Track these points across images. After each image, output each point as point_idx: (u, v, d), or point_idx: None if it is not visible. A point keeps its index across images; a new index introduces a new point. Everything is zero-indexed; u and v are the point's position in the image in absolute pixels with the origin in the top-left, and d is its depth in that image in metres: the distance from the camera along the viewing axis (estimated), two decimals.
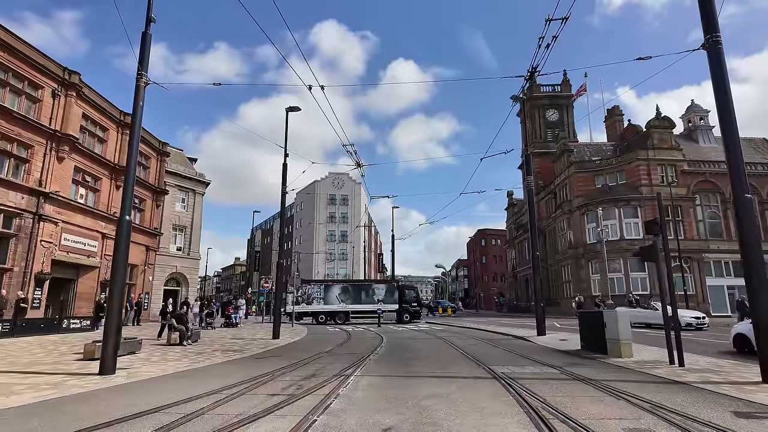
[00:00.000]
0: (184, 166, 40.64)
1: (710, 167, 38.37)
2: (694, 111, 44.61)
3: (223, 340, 17.90)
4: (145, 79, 10.43)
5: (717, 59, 8.91)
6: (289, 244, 79.58)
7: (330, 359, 11.51)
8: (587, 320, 13.64)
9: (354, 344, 15.88)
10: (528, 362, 10.68)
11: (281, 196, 19.55)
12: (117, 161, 25.41)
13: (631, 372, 9.09)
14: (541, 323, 18.20)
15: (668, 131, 39.05)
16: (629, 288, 35.74)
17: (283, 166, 19.74)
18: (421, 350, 13.56)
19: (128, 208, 9.94)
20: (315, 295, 32.09)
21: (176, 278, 39.39)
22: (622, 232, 37.29)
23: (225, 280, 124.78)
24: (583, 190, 40.86)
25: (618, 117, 48.08)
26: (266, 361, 11.41)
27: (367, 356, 11.86)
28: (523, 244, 55.20)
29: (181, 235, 39.83)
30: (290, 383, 7.92)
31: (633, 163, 38.37)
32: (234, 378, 8.45)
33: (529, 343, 15.96)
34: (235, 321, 27.31)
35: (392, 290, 32.75)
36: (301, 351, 13.81)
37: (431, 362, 10.74)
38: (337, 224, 72.80)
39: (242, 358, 12.39)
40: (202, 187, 41.72)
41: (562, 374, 8.77)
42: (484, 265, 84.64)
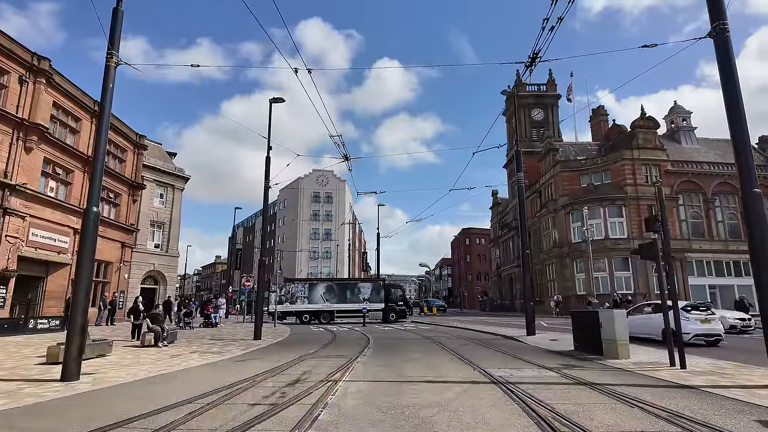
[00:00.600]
0: (162, 160, 39.32)
1: (693, 168, 38.75)
2: (677, 112, 45.08)
3: (202, 341, 17.05)
4: (116, 59, 9.60)
5: (724, 47, 8.52)
6: (271, 242, 78.32)
7: (315, 362, 10.85)
8: (581, 320, 13.24)
9: (340, 345, 15.23)
10: (523, 364, 10.20)
11: (264, 191, 18.77)
12: (90, 153, 24.21)
13: (634, 375, 8.66)
14: (531, 323, 17.84)
15: (652, 131, 39.31)
16: (614, 287, 35.87)
17: (266, 159, 18.98)
18: (411, 351, 12.99)
19: (96, 199, 9.11)
20: (299, 294, 31.24)
21: (154, 276, 38.10)
22: (607, 231, 37.40)
23: (205, 279, 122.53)
24: (569, 189, 40.89)
25: (603, 117, 48.34)
26: (247, 365, 10.69)
27: (354, 358, 11.23)
28: (508, 242, 55.19)
29: (159, 232, 38.54)
30: (273, 390, 7.25)
31: (618, 163, 38.51)
32: (211, 384, 7.73)
33: (520, 343, 15.54)
34: (214, 321, 26.36)
35: (378, 289, 32.12)
36: (285, 353, 13.11)
37: (423, 365, 10.17)
38: (321, 222, 71.86)
39: (221, 360, 11.64)
40: (182, 182, 40.45)
41: (563, 378, 8.28)
42: (468, 264, 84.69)
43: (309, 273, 69.60)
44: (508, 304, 54.53)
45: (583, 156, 43.09)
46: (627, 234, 36.94)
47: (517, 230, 51.17)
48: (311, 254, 70.65)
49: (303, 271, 69.75)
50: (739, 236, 38.07)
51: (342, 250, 68.20)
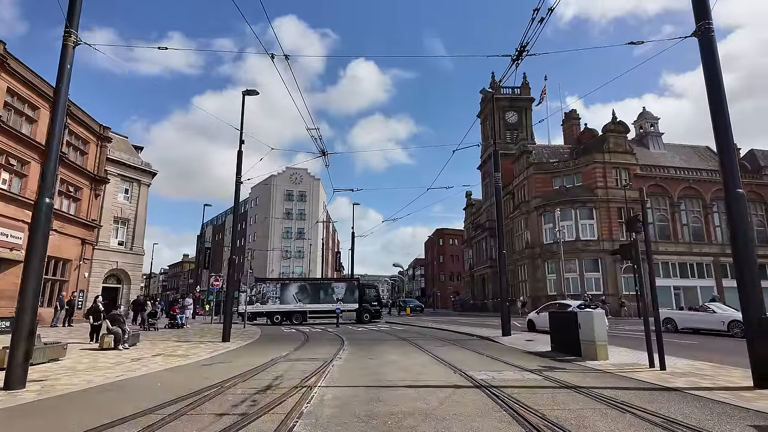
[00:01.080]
0: (128, 154, 37.66)
1: (661, 172, 39.85)
2: (646, 118, 46.34)
3: (167, 343, 16.19)
4: (74, 38, 8.82)
5: (709, 47, 8.49)
6: (242, 241, 76.59)
7: (288, 365, 10.30)
8: (559, 321, 13.15)
9: (313, 347, 14.69)
10: (504, 366, 9.95)
11: (235, 186, 18.01)
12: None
13: (616, 377, 8.51)
14: (506, 323, 17.72)
15: (623, 135, 40.21)
16: (584, 288, 36.46)
17: (238, 153, 18.25)
18: (388, 353, 12.59)
19: (49, 189, 8.32)
20: (270, 294, 30.35)
21: (117, 275, 36.44)
22: (578, 232, 38.00)
23: (172, 278, 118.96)
24: (541, 191, 41.40)
25: (575, 120, 49.25)
26: (214, 369, 10.06)
27: (329, 361, 10.74)
28: (481, 243, 55.58)
29: (123, 229, 36.87)
30: (242, 398, 6.71)
31: (589, 166, 39.21)
32: (175, 391, 7.12)
33: (496, 343, 15.36)
34: (180, 322, 25.33)
35: (352, 289, 31.52)
36: (255, 356, 12.49)
37: (402, 368, 9.78)
38: (294, 221, 70.72)
39: (187, 364, 10.95)
40: (148, 177, 38.84)
41: (547, 381, 8.04)
42: (442, 265, 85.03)
43: (281, 273, 68.33)
44: (481, 304, 54.88)
45: (555, 159, 43.74)
46: (597, 236, 37.63)
47: (490, 231, 51.58)
48: (283, 253, 69.42)
49: (275, 271, 68.43)
50: (703, 239, 39.41)
51: (315, 249, 67.28)
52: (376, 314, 32.65)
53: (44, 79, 23.15)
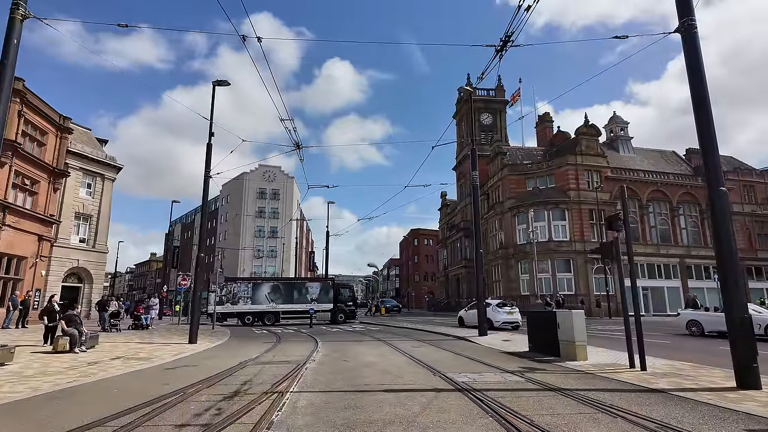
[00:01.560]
0: (91, 147, 35.97)
1: (630, 175, 40.75)
2: (616, 122, 47.39)
3: (129, 345, 15.29)
4: (23, 11, 8.03)
5: (692, 43, 8.40)
6: (212, 240, 74.60)
7: (258, 369, 9.73)
8: (537, 321, 12.98)
9: (285, 349, 14.09)
10: (483, 367, 9.65)
11: (204, 181, 17.20)
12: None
13: (598, 378, 8.31)
14: (483, 323, 17.54)
15: (594, 138, 40.95)
16: (556, 288, 36.87)
17: (207, 146, 17.43)
18: (364, 355, 12.13)
19: None
20: (242, 294, 29.39)
21: (78, 274, 34.73)
22: (551, 233, 38.44)
23: (138, 278, 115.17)
24: (515, 192, 41.72)
25: (548, 123, 49.95)
26: (178, 373, 9.40)
27: (302, 364, 10.21)
28: (456, 243, 55.75)
29: (85, 225, 35.19)
30: (207, 406, 6.14)
31: (562, 168, 39.74)
32: (132, 398, 6.50)
33: (473, 344, 15.12)
34: (145, 323, 24.20)
35: (327, 289, 30.85)
36: (223, 359, 11.83)
37: (379, 370, 9.34)
38: (266, 219, 69.29)
39: (148, 368, 10.23)
40: (113, 171, 37.21)
41: (530, 383, 7.75)
42: (416, 265, 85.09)
43: (252, 272, 66.85)
44: (455, 303, 54.98)
45: (529, 160, 44.20)
46: (569, 237, 38.15)
47: (465, 231, 51.79)
48: (255, 253, 67.96)
49: (246, 270, 66.89)
50: (669, 241, 40.51)
51: (288, 248, 66.16)
52: (351, 314, 32.10)
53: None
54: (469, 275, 50.76)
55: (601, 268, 36.63)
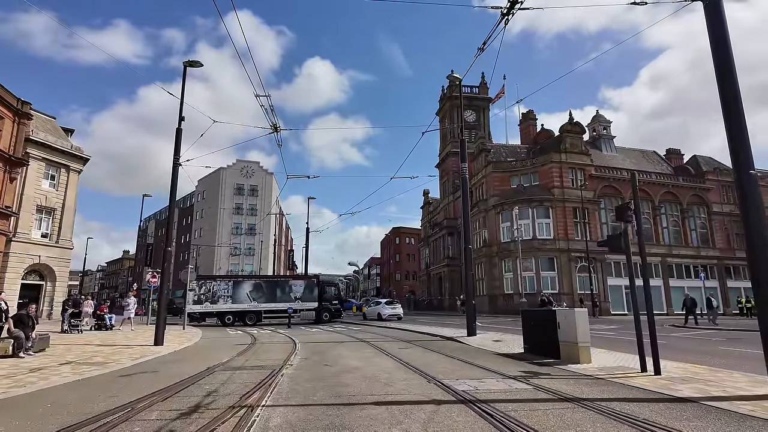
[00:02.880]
0: (55, 136, 33.85)
1: (614, 173, 40.61)
2: (599, 121, 47.31)
3: (86, 347, 13.83)
4: None
5: (716, 12, 7.57)
6: (188, 237, 72.25)
7: (227, 376, 8.52)
8: (534, 320, 12.09)
9: (260, 352, 12.87)
10: (481, 372, 8.67)
11: (173, 169, 15.81)
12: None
13: (613, 385, 7.40)
14: (472, 323, 16.62)
15: (579, 136, 40.65)
16: (540, 287, 36.39)
17: (177, 131, 16.06)
18: (348, 358, 11.02)
19: None
20: (222, 292, 27.88)
21: (40, 271, 32.62)
22: (535, 231, 37.95)
23: (110, 276, 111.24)
24: (499, 190, 41.14)
25: (532, 121, 49.60)
26: (134, 381, 8.14)
27: (278, 370, 9.06)
28: (439, 242, 55.02)
29: (48, 219, 33.11)
30: (156, 426, 4.96)
31: (547, 165, 39.30)
32: (64, 416, 5.27)
33: (463, 345, 14.17)
34: (109, 323, 22.57)
35: (311, 287, 29.56)
36: (188, 363, 10.58)
37: (366, 377, 8.25)
38: (244, 216, 67.36)
39: (101, 375, 8.93)
40: (79, 163, 35.12)
41: (540, 392, 6.78)
42: (398, 263, 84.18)
43: (229, 270, 64.89)
44: (437, 302, 54.29)
45: (513, 158, 43.69)
46: (553, 235, 37.72)
47: (448, 229, 51.10)
48: (232, 250, 65.97)
49: (222, 269, 64.88)
50: (651, 240, 40.48)
51: (267, 246, 64.38)
52: (337, 313, 31.06)
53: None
54: (452, 274, 50.09)
55: (585, 267, 36.31)
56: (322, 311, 29.69)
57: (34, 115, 34.22)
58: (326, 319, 29.56)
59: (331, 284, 32.84)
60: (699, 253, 41.26)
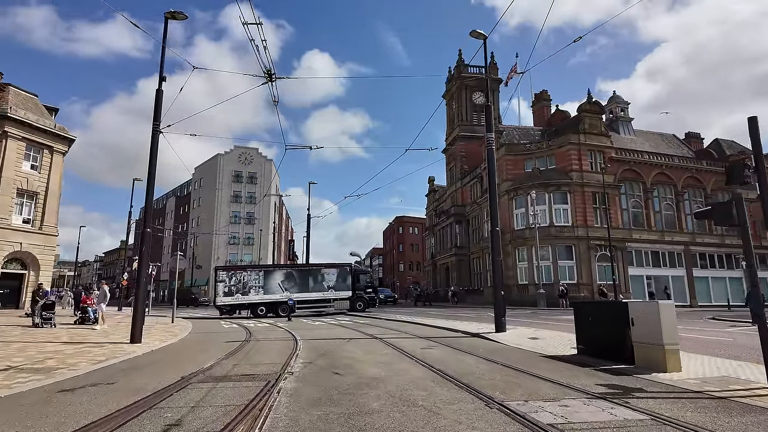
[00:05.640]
0: (36, 114, 31.41)
1: (635, 156, 38.14)
2: (616, 102, 44.73)
3: (46, 346, 11.55)
4: None
5: None
6: (185, 226, 70.02)
7: (202, 393, 6.22)
8: (592, 314, 9.76)
9: (253, 353, 10.57)
10: (549, 387, 6.36)
11: (152, 136, 13.47)
12: None
13: (754, 410, 5.09)
14: (501, 317, 14.34)
15: (598, 117, 38.13)
16: (557, 276, 34.14)
17: (156, 93, 13.72)
18: (363, 363, 8.71)
19: None
20: (253, 283, 26.81)
21: (21, 259, 30.40)
22: (552, 218, 35.57)
23: (108, 266, 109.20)
24: (512, 174, 38.70)
25: (546, 102, 47.01)
26: (72, 401, 5.83)
27: (273, 383, 6.75)
28: (445, 231, 52.66)
29: (30, 204, 30.85)
30: None
31: (564, 147, 36.81)
32: None
33: (497, 344, 11.88)
34: (93, 316, 20.17)
35: (345, 275, 28.48)
36: (160, 370, 8.30)
37: (396, 397, 5.93)
38: (242, 204, 64.96)
39: (36, 389, 6.67)
40: (64, 144, 32.75)
41: (665, 425, 4.46)
42: (401, 254, 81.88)
43: (227, 260, 62.68)
44: (444, 294, 51.96)
45: (526, 140, 41.18)
46: (571, 221, 35.36)
47: (456, 217, 48.71)
48: (231, 239, 63.72)
49: (221, 258, 62.67)
50: (674, 227, 38.16)
51: (266, 235, 62.12)
52: (371, 302, 29.73)
53: None
54: (460, 263, 47.83)
55: (605, 256, 34.02)
56: (357, 300, 28.69)
57: (14, 92, 31.79)
58: (360, 309, 28.53)
59: (365, 272, 31.67)
60: (724, 241, 38.88)
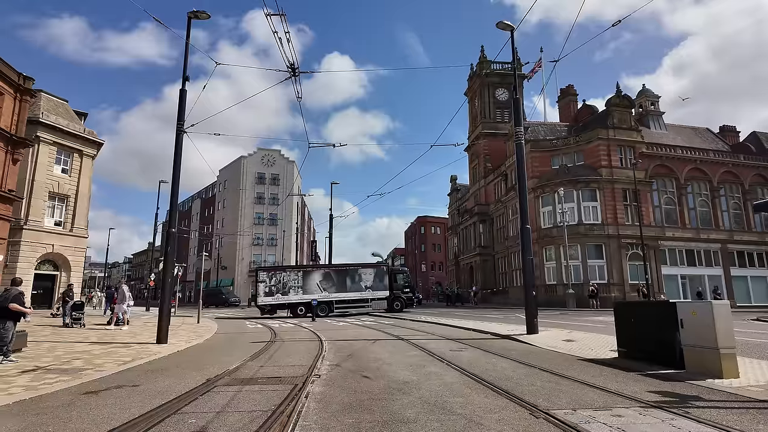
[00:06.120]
0: (67, 119, 32.18)
1: (667, 151, 36.72)
2: (646, 95, 43.19)
3: (75, 347, 11.61)
4: None
5: None
6: (210, 227, 71.11)
7: (227, 397, 5.97)
8: (637, 314, 9.17)
9: (279, 355, 10.34)
10: (595, 393, 5.88)
11: (176, 136, 13.45)
12: None
13: None
14: (533, 318, 13.79)
15: (628, 111, 36.84)
16: (587, 276, 33.10)
17: (180, 92, 13.68)
18: (392, 366, 8.34)
19: None
20: (292, 283, 27.21)
21: (53, 260, 31.16)
22: (581, 215, 34.53)
23: (137, 267, 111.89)
24: (539, 171, 37.76)
25: (572, 97, 45.76)
26: (97, 403, 5.66)
27: (301, 386, 6.46)
28: (468, 230, 51.89)
29: (61, 207, 31.59)
30: None
31: (593, 143, 35.70)
32: None
33: (530, 346, 11.36)
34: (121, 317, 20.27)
35: (382, 275, 28.57)
36: (186, 371, 8.13)
37: (431, 404, 5.56)
38: (265, 206, 65.52)
39: (61, 390, 6.55)
40: (93, 148, 33.45)
41: None
42: (423, 254, 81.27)
43: (252, 261, 63.34)
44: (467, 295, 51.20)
45: (553, 136, 40.15)
46: (601, 219, 34.25)
47: (480, 216, 47.92)
48: (255, 240, 64.33)
49: (245, 259, 63.42)
50: (710, 224, 36.59)
51: (289, 236, 62.46)
52: (409, 302, 29.72)
53: None
54: (485, 263, 47.01)
55: (637, 255, 32.83)
56: (394, 300, 28.74)
57: (45, 98, 32.65)
58: (398, 309, 28.50)
59: (401, 272, 31.61)
60: (764, 239, 37.08)
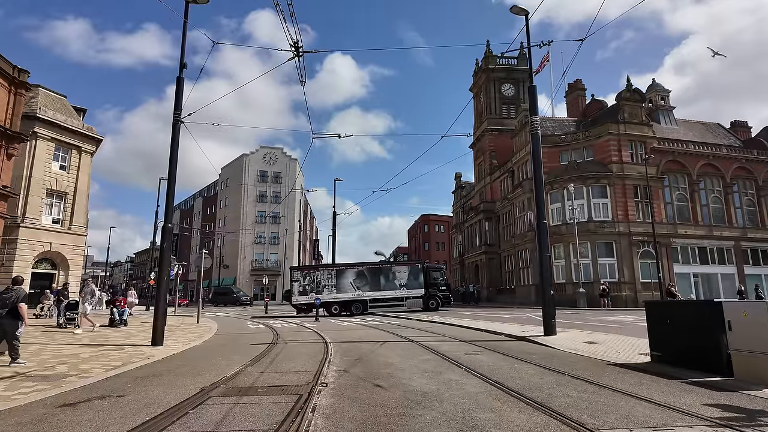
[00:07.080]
0: (65, 115, 31.52)
1: (679, 147, 35.81)
2: (656, 90, 42.22)
3: (63, 349, 10.90)
4: None
5: None
6: (212, 226, 70.47)
7: (222, 412, 5.21)
8: (674, 315, 8.38)
9: (281, 359, 9.57)
10: (635, 404, 5.10)
11: (173, 127, 12.70)
12: None
13: None
14: (551, 319, 13.02)
15: (638, 105, 35.91)
16: (597, 274, 32.25)
17: (177, 80, 12.94)
18: (406, 373, 7.57)
19: None
20: (326, 282, 27.00)
21: (51, 259, 30.54)
22: (591, 212, 33.66)
23: (138, 267, 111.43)
24: (547, 167, 36.72)
25: (580, 92, 44.83)
26: (72, 419, 4.90)
27: (306, 398, 5.69)
28: (473, 228, 51.05)
29: (59, 204, 30.97)
30: None
31: (603, 138, 34.82)
32: None
33: (550, 349, 10.59)
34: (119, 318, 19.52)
35: (416, 273, 28.09)
36: (179, 377, 7.38)
37: (457, 421, 4.78)
38: (268, 204, 64.81)
39: (37, 402, 5.81)
40: (91, 144, 32.82)
41: None
42: (427, 252, 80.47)
43: (254, 260, 62.74)
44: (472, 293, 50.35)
45: (561, 132, 39.28)
46: (611, 216, 33.38)
47: (485, 213, 47.09)
48: (257, 239, 63.66)
49: (247, 258, 62.79)
50: (723, 221, 35.68)
51: (291, 234, 61.76)
52: (446, 300, 29.16)
53: None
54: (491, 262, 46.19)
55: (648, 252, 31.97)
56: (430, 299, 28.07)
57: (43, 93, 31.97)
58: (433, 307, 27.91)
59: (436, 269, 30.88)
60: None
